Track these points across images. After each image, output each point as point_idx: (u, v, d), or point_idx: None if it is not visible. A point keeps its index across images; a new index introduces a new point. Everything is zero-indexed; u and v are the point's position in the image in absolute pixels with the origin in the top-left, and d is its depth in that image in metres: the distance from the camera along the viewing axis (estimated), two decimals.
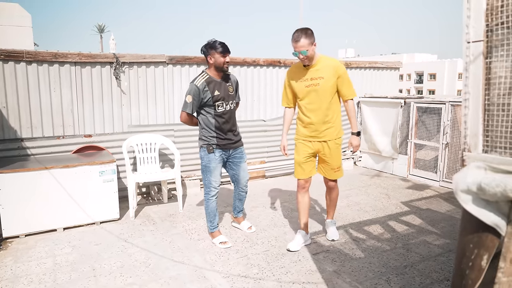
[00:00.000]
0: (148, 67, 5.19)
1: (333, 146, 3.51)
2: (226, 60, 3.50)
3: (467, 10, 1.13)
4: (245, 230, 4.03)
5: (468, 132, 1.18)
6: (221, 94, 3.54)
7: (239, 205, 4.07)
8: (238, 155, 3.79)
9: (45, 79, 4.60)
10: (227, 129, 3.62)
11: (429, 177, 5.90)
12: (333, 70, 3.32)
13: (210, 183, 3.67)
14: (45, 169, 3.96)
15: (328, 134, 3.47)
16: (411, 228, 4.13)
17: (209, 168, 3.63)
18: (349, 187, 5.77)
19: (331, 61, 3.37)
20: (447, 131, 5.57)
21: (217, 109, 3.55)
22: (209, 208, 3.75)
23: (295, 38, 3.18)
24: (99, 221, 4.28)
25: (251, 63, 5.93)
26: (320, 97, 3.37)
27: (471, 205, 1.12)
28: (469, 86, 1.17)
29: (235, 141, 3.73)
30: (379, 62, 7.48)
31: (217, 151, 3.62)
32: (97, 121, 4.96)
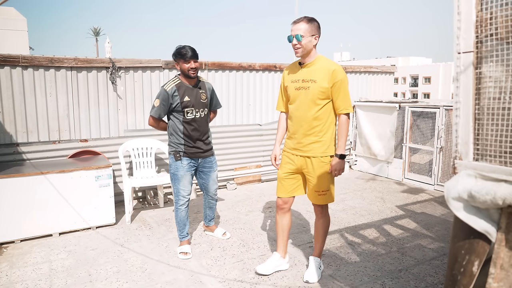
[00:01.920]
0: (144, 71, 5.21)
1: (318, 165, 2.93)
2: (191, 66, 3.35)
3: (458, 22, 1.16)
4: (220, 237, 3.91)
5: (459, 140, 1.21)
6: (191, 101, 3.43)
7: (209, 213, 3.94)
8: (208, 164, 3.67)
9: (41, 84, 4.60)
10: (196, 137, 3.50)
11: (424, 180, 5.95)
12: (329, 74, 2.78)
13: (178, 192, 3.56)
14: (41, 174, 3.95)
15: (312, 149, 2.92)
16: (406, 232, 4.16)
17: (176, 176, 3.52)
18: (345, 190, 5.80)
19: (330, 64, 2.84)
20: (442, 135, 5.62)
21: (186, 116, 3.44)
22: (178, 217, 3.64)
23: (295, 20, 2.81)
24: (95, 226, 4.28)
25: (247, 67, 5.95)
26: (307, 103, 2.87)
27: (462, 212, 1.15)
28: (460, 95, 1.19)
29: (205, 150, 3.59)
30: (374, 66, 7.53)
31: (184, 159, 3.50)
32: (93, 126, 4.96)
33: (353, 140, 7.18)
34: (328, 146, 2.94)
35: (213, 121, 5.78)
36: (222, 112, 5.91)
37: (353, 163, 7.19)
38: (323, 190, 2.97)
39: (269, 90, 6.24)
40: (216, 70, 5.75)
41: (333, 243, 3.87)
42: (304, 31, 2.77)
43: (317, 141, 2.91)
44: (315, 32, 2.81)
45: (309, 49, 2.82)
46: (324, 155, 2.93)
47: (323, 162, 2.93)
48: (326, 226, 3.15)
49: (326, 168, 2.94)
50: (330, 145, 2.95)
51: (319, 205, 3.06)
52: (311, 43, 2.81)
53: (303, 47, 2.79)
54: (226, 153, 5.87)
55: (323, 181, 2.95)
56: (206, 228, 4.03)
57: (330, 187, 2.99)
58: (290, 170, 3.05)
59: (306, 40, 2.77)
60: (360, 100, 7.05)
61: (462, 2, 1.15)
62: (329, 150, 2.95)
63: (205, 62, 5.57)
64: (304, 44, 2.78)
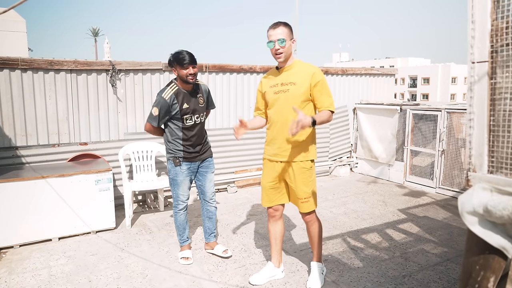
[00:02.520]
0: (144, 74, 5.17)
1: (298, 170, 2.87)
2: (189, 72, 3.23)
3: (472, 31, 1.13)
4: (221, 255, 3.61)
5: (473, 152, 1.18)
6: (191, 107, 3.35)
7: (209, 225, 3.70)
8: (205, 164, 3.58)
9: (40, 87, 4.56)
10: (195, 142, 3.44)
11: (426, 183, 5.92)
12: (309, 76, 2.77)
13: (177, 197, 3.50)
14: (40, 178, 3.91)
15: (293, 154, 2.85)
16: (408, 237, 4.13)
17: (176, 182, 3.46)
18: (346, 194, 5.76)
19: (308, 67, 2.83)
20: (443, 138, 5.59)
21: (185, 122, 3.37)
22: (177, 221, 3.57)
23: (273, 25, 2.76)
24: (95, 230, 4.24)
25: (248, 70, 5.92)
26: (286, 106, 2.80)
27: (477, 227, 1.12)
28: (474, 106, 1.16)
29: (203, 152, 3.54)
30: (375, 68, 7.51)
31: (184, 164, 3.43)
32: (92, 129, 4.92)
33: (354, 143, 7.15)
34: (308, 151, 2.90)
35: (214, 123, 5.78)
36: (223, 115, 5.88)
37: (354, 165, 7.16)
38: (305, 197, 2.91)
39: None
40: (217, 73, 5.72)
41: (335, 248, 3.83)
42: (284, 35, 2.75)
43: (297, 145, 2.86)
44: (292, 36, 2.82)
45: (289, 53, 2.81)
46: (305, 159, 2.88)
47: (303, 168, 2.88)
48: (319, 231, 3.07)
49: (307, 174, 2.90)
50: (310, 151, 2.91)
51: (305, 213, 2.99)
52: (290, 46, 2.81)
53: (286, 51, 2.77)
54: (227, 155, 5.83)
55: (304, 187, 2.90)
56: (206, 245, 3.77)
57: (312, 194, 2.93)
58: (273, 179, 2.99)
59: (288, 44, 2.77)
60: (361, 103, 7.02)
61: (477, 10, 1.12)
62: (310, 155, 2.91)
63: (205, 65, 5.53)
64: (286, 48, 2.77)
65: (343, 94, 7.06)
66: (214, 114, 5.73)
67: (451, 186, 5.58)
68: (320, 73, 2.81)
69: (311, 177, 2.93)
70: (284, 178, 2.97)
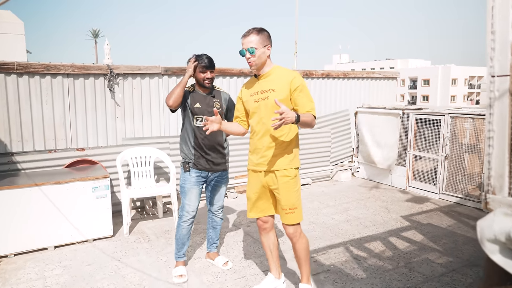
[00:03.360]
0: (143, 78, 5.08)
1: (282, 179, 2.74)
2: (207, 76, 3.24)
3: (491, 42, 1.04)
4: (221, 267, 3.52)
5: (492, 173, 1.09)
6: (202, 108, 3.28)
7: (212, 235, 3.61)
8: (218, 179, 3.45)
9: (37, 92, 4.48)
10: (206, 146, 3.29)
11: (429, 189, 5.83)
12: (288, 82, 2.66)
13: (183, 206, 3.34)
14: (35, 185, 3.82)
15: (276, 162, 2.74)
16: (412, 245, 4.03)
17: (184, 189, 3.33)
18: (348, 199, 5.67)
19: (286, 72, 2.74)
20: (447, 143, 5.50)
21: (196, 123, 3.30)
22: (178, 233, 3.37)
23: (245, 33, 2.69)
24: (91, 238, 4.14)
25: (248, 74, 5.83)
26: (268, 113, 2.70)
27: (498, 255, 1.03)
28: (494, 124, 1.07)
29: (217, 164, 3.37)
30: (377, 72, 7.42)
31: (193, 171, 3.30)
32: (90, 134, 4.83)
33: (356, 147, 7.06)
34: (292, 158, 2.79)
35: None
36: None
37: (356, 170, 7.07)
38: (290, 208, 2.76)
39: None
40: (217, 76, 5.63)
41: (338, 257, 3.74)
42: (256, 43, 2.65)
43: (280, 153, 2.75)
44: (266, 42, 2.69)
45: (263, 61, 2.70)
46: (289, 167, 2.76)
47: (287, 176, 2.75)
48: (305, 248, 2.86)
49: (291, 183, 2.76)
50: (293, 159, 2.79)
51: (290, 226, 2.80)
52: (264, 54, 2.69)
53: (257, 60, 2.67)
54: None
55: (289, 197, 2.76)
56: (207, 255, 3.69)
57: (298, 204, 2.80)
58: (258, 189, 2.87)
59: (259, 52, 2.66)
60: (363, 107, 6.93)
61: (497, 20, 1.03)
62: (294, 163, 2.79)
63: None
64: (258, 56, 2.66)
65: (345, 98, 6.97)
66: None
67: (454, 192, 5.49)
68: (299, 77, 2.71)
69: (295, 187, 2.79)
70: (269, 187, 2.83)
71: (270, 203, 2.90)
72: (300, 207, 2.83)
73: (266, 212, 2.92)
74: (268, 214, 2.93)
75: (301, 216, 2.83)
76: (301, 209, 2.85)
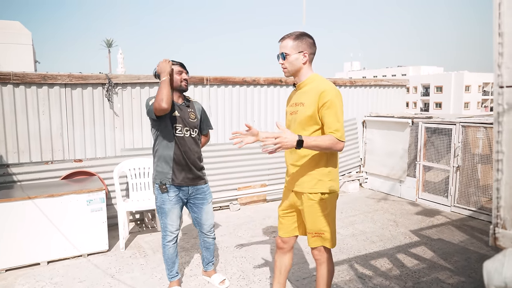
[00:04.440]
0: (142, 87, 4.97)
1: (308, 202, 2.48)
2: (184, 77, 3.05)
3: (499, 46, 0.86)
4: (217, 286, 3.35)
5: (501, 203, 0.90)
6: (180, 117, 3.06)
7: (207, 255, 3.41)
8: (200, 195, 3.20)
9: (33, 102, 4.39)
10: (187, 160, 3.07)
11: (440, 201, 5.57)
12: (317, 96, 2.36)
13: (165, 227, 3.13)
14: (28, 199, 3.71)
15: (300, 184, 2.51)
16: (421, 263, 3.80)
17: (163, 210, 3.09)
18: (354, 212, 5.45)
19: (319, 84, 2.43)
20: (458, 154, 5.25)
21: (175, 133, 3.04)
22: (165, 254, 3.19)
23: (282, 37, 2.52)
24: (86, 253, 4.01)
25: (251, 82, 5.69)
26: (296, 129, 2.49)
27: None
28: (503, 143, 0.89)
29: (196, 177, 3.15)
30: (385, 79, 7.21)
31: (172, 190, 3.07)
32: (88, 145, 4.72)
33: (363, 157, 6.84)
34: (317, 181, 2.46)
35: (216, 138, 5.54)
36: (225, 129, 5.64)
37: (364, 181, 6.84)
38: (316, 232, 2.51)
39: (275, 105, 5.96)
40: (219, 85, 5.50)
41: (341, 275, 3.53)
42: (289, 49, 2.46)
43: (305, 174, 2.48)
44: (303, 48, 2.45)
45: (296, 68, 2.48)
46: (313, 191, 2.46)
47: (312, 200, 2.47)
48: (328, 275, 2.58)
49: (315, 207, 2.48)
50: (320, 180, 2.46)
51: (315, 249, 2.56)
52: (298, 61, 2.46)
53: (289, 67, 2.49)
54: (229, 172, 5.58)
55: (315, 221, 2.50)
56: (204, 272, 3.52)
57: (326, 230, 2.50)
58: (285, 207, 2.68)
59: (292, 58, 2.45)
60: (370, 115, 6.72)
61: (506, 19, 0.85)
62: (319, 186, 2.46)
63: (206, 77, 5.32)
64: (290, 62, 2.47)
65: (352, 107, 6.77)
66: (215, 128, 5.50)
67: (467, 204, 5.23)
68: (330, 91, 2.36)
69: (322, 212, 2.47)
70: (297, 207, 2.61)
71: (296, 223, 2.68)
72: (330, 232, 2.51)
73: (290, 233, 2.70)
74: (292, 235, 2.71)
75: (331, 241, 2.52)
76: (332, 234, 2.52)
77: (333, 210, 2.53)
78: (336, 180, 2.53)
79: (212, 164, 5.33)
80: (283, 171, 5.96)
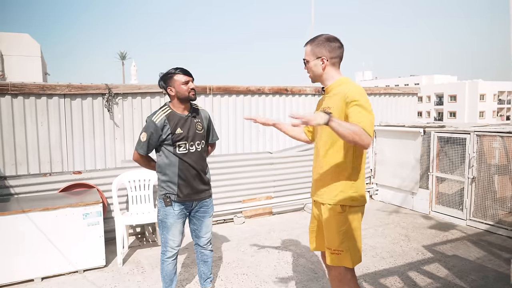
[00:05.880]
0: (143, 98, 4.86)
1: (328, 213, 2.34)
2: (191, 86, 2.89)
3: None
4: None
5: None
6: (184, 133, 2.91)
7: (204, 269, 3.24)
8: (203, 208, 3.09)
9: (32, 113, 4.31)
10: (191, 175, 2.95)
11: (454, 214, 5.30)
12: (342, 97, 2.24)
13: (166, 242, 3.02)
14: (22, 212, 3.59)
15: (322, 194, 2.39)
16: (435, 282, 3.55)
17: (165, 224, 2.97)
18: (364, 226, 5.18)
19: (345, 87, 2.31)
20: (473, 164, 5.00)
21: (178, 150, 2.91)
22: (164, 271, 3.07)
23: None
24: (82, 269, 3.86)
25: (256, 91, 5.54)
26: (321, 135, 2.41)
27: None
28: None
29: (201, 191, 3.04)
30: (395, 88, 7.00)
31: (176, 204, 2.94)
32: (87, 157, 4.61)
33: (374, 168, 6.60)
34: (340, 191, 2.30)
35: (219, 149, 5.39)
36: (229, 140, 5.49)
37: (374, 192, 6.59)
38: (335, 249, 2.31)
39: (280, 115, 5.79)
40: (222, 95, 5.36)
41: None
42: (308, 55, 2.40)
43: (328, 184, 2.34)
44: (321, 53, 2.34)
45: (317, 74, 2.40)
46: (333, 203, 2.30)
47: (334, 212, 2.31)
48: None
49: (335, 221, 2.32)
50: (343, 191, 2.30)
51: (333, 267, 2.38)
52: (317, 66, 2.37)
53: (310, 72, 2.44)
54: (234, 183, 5.41)
55: (334, 237, 2.32)
56: None
57: (345, 247, 2.29)
58: (312, 220, 2.59)
59: (311, 64, 2.39)
60: (381, 125, 6.50)
61: None
62: (340, 197, 2.30)
63: (209, 86, 5.19)
64: (310, 68, 2.42)
65: None
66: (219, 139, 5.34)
67: (483, 218, 4.95)
68: (355, 91, 2.23)
69: (341, 226, 2.30)
70: (319, 219, 2.47)
71: (322, 238, 2.49)
72: (350, 249, 2.31)
73: (320, 247, 2.56)
74: (320, 249, 2.58)
75: (350, 261, 2.30)
76: (353, 252, 2.31)
77: (355, 225, 2.34)
78: (361, 192, 2.36)
79: (215, 175, 5.16)
80: (290, 183, 5.78)
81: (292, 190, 5.79)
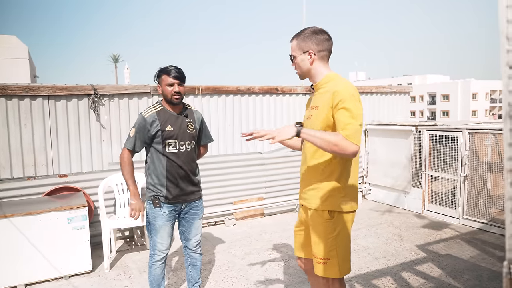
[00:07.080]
0: (130, 98, 4.77)
1: (315, 219, 2.20)
2: (174, 89, 2.79)
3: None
4: None
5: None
6: (175, 131, 2.83)
7: (193, 273, 3.13)
8: (193, 210, 3.00)
9: (15, 115, 4.20)
10: (180, 176, 2.88)
11: (447, 213, 5.25)
12: (329, 96, 2.09)
13: (154, 245, 2.93)
14: (4, 217, 3.48)
15: (309, 197, 2.24)
16: (428, 282, 3.49)
17: (154, 226, 2.89)
18: (357, 226, 5.14)
19: (335, 84, 2.14)
20: (466, 162, 4.95)
21: (167, 149, 2.83)
22: (151, 275, 2.98)
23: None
24: (67, 274, 3.75)
25: (245, 91, 5.47)
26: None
27: None
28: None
29: (191, 192, 2.96)
30: (387, 86, 6.96)
31: (165, 206, 2.87)
32: (73, 159, 4.51)
33: (366, 167, 6.55)
34: (327, 196, 2.15)
35: (210, 150, 5.28)
36: (219, 141, 5.41)
37: (367, 192, 6.54)
38: (320, 257, 2.18)
39: (271, 115, 5.72)
40: (211, 95, 5.28)
41: None
42: (294, 50, 2.26)
43: (315, 188, 2.20)
44: (308, 47, 2.19)
45: (305, 70, 2.25)
46: (321, 209, 2.16)
47: (320, 218, 2.17)
48: None
49: (322, 228, 2.17)
50: (332, 195, 2.15)
51: (321, 277, 2.23)
52: (304, 62, 2.22)
53: (297, 68, 2.28)
54: (224, 185, 5.32)
55: (320, 244, 2.18)
56: None
57: (333, 255, 2.16)
58: (298, 223, 2.44)
59: (298, 59, 2.25)
60: (372, 124, 6.45)
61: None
62: (328, 203, 2.15)
63: (198, 87, 5.11)
64: (297, 64, 2.27)
65: None
66: None
67: (477, 216, 4.90)
68: (344, 91, 2.05)
69: (329, 234, 2.15)
70: (306, 224, 2.33)
71: (307, 243, 2.37)
72: (338, 258, 2.17)
73: (306, 254, 2.42)
74: (304, 256, 2.44)
75: (337, 270, 2.16)
76: (341, 261, 2.17)
77: (343, 232, 2.18)
78: (352, 197, 2.21)
79: (206, 177, 5.08)
80: (282, 184, 5.70)
81: (284, 191, 5.71)
